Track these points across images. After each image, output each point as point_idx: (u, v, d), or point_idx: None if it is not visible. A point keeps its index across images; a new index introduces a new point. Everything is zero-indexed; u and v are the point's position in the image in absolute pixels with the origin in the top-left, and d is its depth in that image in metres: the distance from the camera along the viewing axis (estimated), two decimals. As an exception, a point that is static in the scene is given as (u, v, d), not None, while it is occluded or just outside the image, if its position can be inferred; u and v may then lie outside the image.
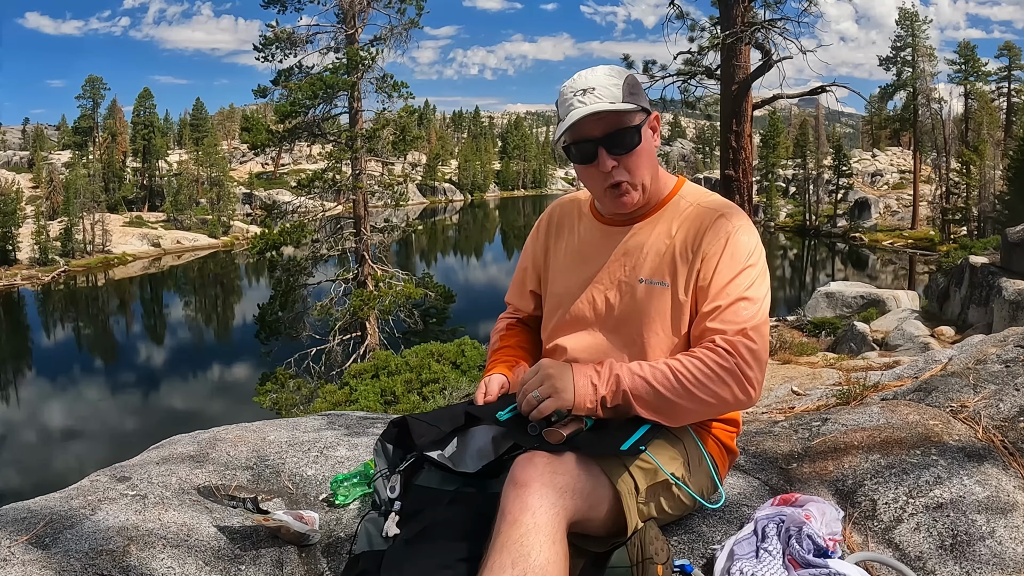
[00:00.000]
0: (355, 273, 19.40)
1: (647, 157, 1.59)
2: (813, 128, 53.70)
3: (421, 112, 45.49)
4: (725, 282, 1.53)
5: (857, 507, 1.83)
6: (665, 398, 1.45)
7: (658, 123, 1.63)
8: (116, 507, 1.73)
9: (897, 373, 3.57)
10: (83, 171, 50.54)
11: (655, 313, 1.59)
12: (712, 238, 1.56)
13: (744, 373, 1.46)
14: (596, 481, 1.40)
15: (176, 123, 76.65)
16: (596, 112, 1.50)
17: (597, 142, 1.54)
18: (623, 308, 1.63)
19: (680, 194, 1.66)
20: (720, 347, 1.47)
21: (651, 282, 1.60)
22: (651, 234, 1.63)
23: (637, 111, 1.54)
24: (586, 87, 1.52)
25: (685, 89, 13.37)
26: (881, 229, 44.91)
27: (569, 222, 1.79)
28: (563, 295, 1.73)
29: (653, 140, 1.62)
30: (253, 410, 16.27)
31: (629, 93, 1.54)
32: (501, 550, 1.23)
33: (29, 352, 32.07)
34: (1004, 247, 14.42)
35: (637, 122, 1.55)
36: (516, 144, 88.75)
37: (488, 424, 1.50)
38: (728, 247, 1.55)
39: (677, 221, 1.62)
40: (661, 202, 1.66)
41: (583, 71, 1.58)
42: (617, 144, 1.54)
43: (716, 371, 1.45)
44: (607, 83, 1.53)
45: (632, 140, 1.55)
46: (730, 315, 1.50)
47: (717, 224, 1.57)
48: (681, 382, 1.45)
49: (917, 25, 43.49)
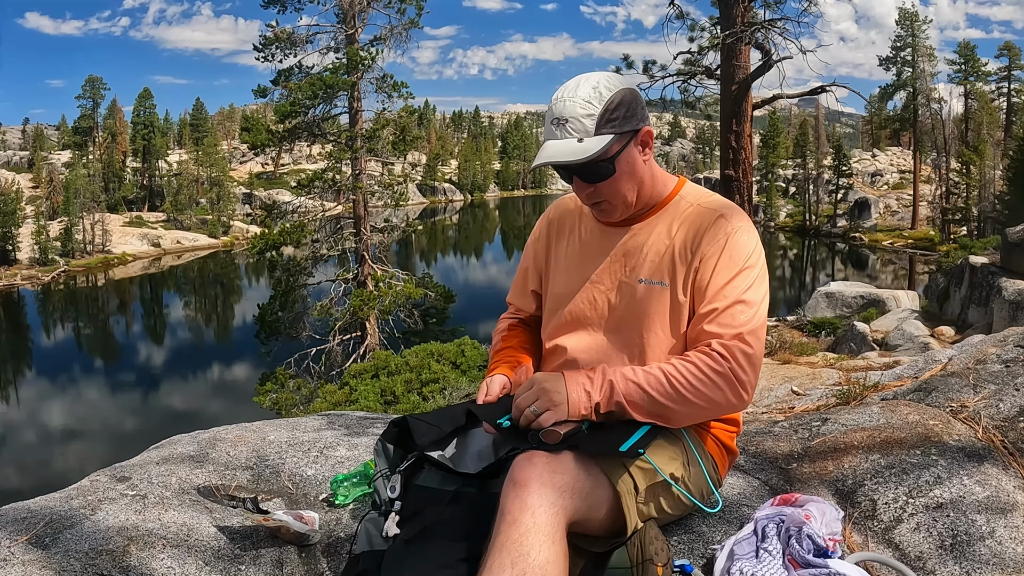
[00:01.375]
0: (355, 273, 19.41)
1: (627, 180, 1.56)
2: (813, 128, 53.72)
3: (421, 112, 45.57)
4: (723, 283, 1.52)
5: (857, 507, 1.83)
6: (659, 403, 1.46)
7: (650, 137, 1.59)
8: (116, 507, 1.73)
9: (897, 373, 3.57)
10: (83, 171, 50.58)
11: (655, 313, 1.59)
12: (711, 238, 1.55)
13: (738, 377, 1.47)
14: (596, 481, 1.40)
15: (176, 123, 76.69)
16: (555, 162, 1.51)
17: (569, 171, 1.55)
18: (623, 308, 1.63)
19: (680, 195, 1.66)
20: (715, 351, 1.47)
21: (651, 282, 1.59)
22: (651, 234, 1.63)
23: (607, 146, 1.50)
24: (561, 116, 1.50)
25: (685, 89, 13.39)
26: (881, 229, 44.92)
27: (570, 222, 1.78)
28: (563, 295, 1.73)
29: (643, 156, 1.58)
30: (253, 410, 16.27)
31: (606, 122, 1.49)
32: (500, 550, 1.22)
33: (29, 352, 32.07)
34: (1004, 247, 14.41)
35: (612, 152, 1.52)
36: (516, 144, 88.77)
37: (491, 440, 1.50)
38: (727, 248, 1.54)
39: (677, 221, 1.61)
40: (661, 203, 1.65)
41: (570, 84, 1.53)
42: (590, 175, 1.54)
43: (710, 376, 1.46)
44: (582, 114, 1.48)
45: (604, 171, 1.53)
46: (727, 318, 1.50)
47: (716, 224, 1.57)
48: (675, 387, 1.45)
49: (917, 25, 43.52)
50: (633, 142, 1.55)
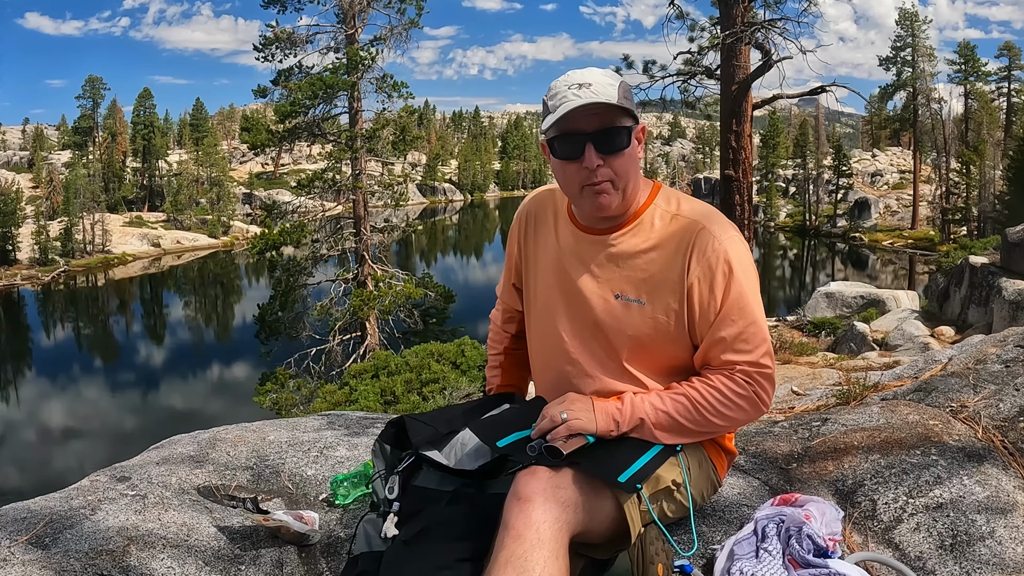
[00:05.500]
0: (355, 273, 19.40)
1: (633, 163, 1.54)
2: (813, 128, 53.72)
3: (421, 112, 45.56)
4: (731, 304, 1.51)
5: (857, 507, 1.83)
6: (685, 427, 1.52)
7: (643, 134, 1.59)
8: (116, 507, 1.73)
9: (897, 373, 3.56)
10: (83, 171, 50.55)
11: (631, 330, 1.57)
12: (700, 255, 1.51)
13: (761, 398, 1.52)
14: (598, 494, 1.40)
15: (176, 123, 76.62)
16: (592, 104, 1.45)
17: (587, 137, 1.48)
18: (598, 321, 1.60)
19: (656, 202, 1.60)
20: (739, 377, 1.51)
21: (627, 299, 1.57)
22: (627, 247, 1.58)
23: (630, 114, 1.51)
24: (582, 82, 1.48)
25: (685, 89, 13.38)
26: (881, 229, 44.91)
27: (547, 220, 1.73)
28: (542, 308, 1.71)
29: (638, 150, 1.58)
30: (253, 410, 16.27)
31: (623, 96, 1.50)
32: (505, 566, 1.22)
33: (29, 352, 32.06)
34: (1004, 247, 14.41)
35: (629, 124, 1.52)
36: (516, 144, 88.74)
37: (489, 447, 1.48)
38: (722, 264, 1.51)
39: (655, 234, 1.57)
40: (638, 211, 1.60)
41: (576, 70, 1.54)
42: (607, 142, 1.49)
43: (735, 400, 1.51)
44: (604, 81, 1.49)
45: (622, 141, 1.51)
46: (743, 344, 1.51)
47: (702, 241, 1.52)
48: (701, 412, 1.51)
49: (917, 25, 43.49)
50: (635, 131, 1.55)
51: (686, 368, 1.59)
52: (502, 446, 1.45)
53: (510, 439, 1.47)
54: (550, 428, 1.43)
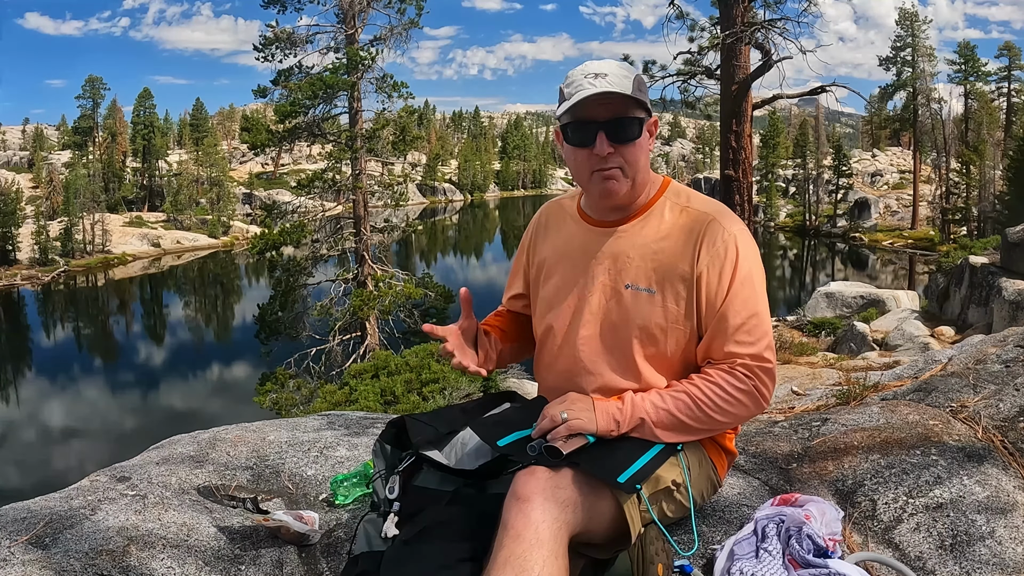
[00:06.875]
0: (355, 273, 19.39)
1: (644, 153, 1.58)
2: (813, 128, 53.72)
3: (421, 112, 45.50)
4: (734, 296, 1.52)
5: (857, 507, 1.83)
6: (687, 425, 1.51)
7: (655, 128, 1.62)
8: (116, 507, 1.73)
9: (897, 373, 3.57)
10: (83, 171, 50.54)
11: (641, 319, 1.57)
12: (710, 247, 1.54)
13: (761, 393, 1.52)
14: (598, 494, 1.39)
15: (176, 123, 76.66)
16: (607, 94, 1.49)
17: (599, 125, 1.51)
18: (608, 313, 1.61)
19: (665, 195, 1.64)
20: (739, 371, 1.51)
21: (637, 288, 1.58)
22: (637, 237, 1.61)
23: (643, 106, 1.55)
24: (598, 72, 1.52)
25: (685, 89, 13.39)
26: (881, 229, 44.91)
27: (556, 224, 1.77)
28: (551, 299, 1.72)
29: (649, 142, 1.61)
30: (253, 410, 16.25)
31: (637, 88, 1.53)
32: (504, 565, 1.22)
33: (29, 352, 32.04)
34: (1004, 247, 14.41)
35: (641, 116, 1.55)
36: (516, 144, 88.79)
37: (489, 446, 1.48)
38: (730, 257, 1.53)
39: (665, 225, 1.60)
40: (648, 204, 1.63)
41: (594, 60, 1.58)
42: (619, 131, 1.52)
43: (736, 396, 1.51)
44: (619, 72, 1.53)
45: (634, 131, 1.54)
46: (744, 336, 1.52)
47: (712, 232, 1.55)
48: (703, 409, 1.50)
49: (917, 25, 43.50)
50: (648, 123, 1.58)
51: (692, 364, 1.60)
52: (502, 446, 1.45)
53: (510, 439, 1.47)
54: (550, 428, 1.43)
